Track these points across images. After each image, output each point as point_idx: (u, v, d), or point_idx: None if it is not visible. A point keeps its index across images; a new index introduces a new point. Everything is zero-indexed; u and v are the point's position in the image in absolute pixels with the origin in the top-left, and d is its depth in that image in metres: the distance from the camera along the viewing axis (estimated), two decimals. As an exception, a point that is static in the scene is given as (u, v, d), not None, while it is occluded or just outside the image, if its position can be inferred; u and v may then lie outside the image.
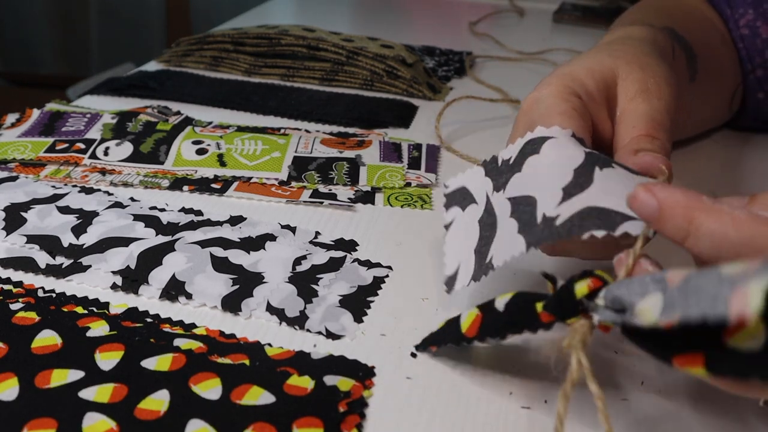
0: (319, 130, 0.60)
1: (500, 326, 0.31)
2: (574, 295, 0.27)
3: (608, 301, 0.27)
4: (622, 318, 0.26)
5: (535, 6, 1.16)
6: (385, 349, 0.34)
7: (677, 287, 0.24)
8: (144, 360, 0.32)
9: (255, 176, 0.50)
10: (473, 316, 0.32)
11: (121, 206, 0.45)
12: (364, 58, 0.71)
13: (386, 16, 1.09)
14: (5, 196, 0.45)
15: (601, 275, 0.28)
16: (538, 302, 0.29)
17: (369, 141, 0.57)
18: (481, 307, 0.32)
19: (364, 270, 0.40)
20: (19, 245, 0.40)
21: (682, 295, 0.23)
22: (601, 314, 0.27)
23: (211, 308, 0.36)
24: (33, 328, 0.33)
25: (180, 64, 0.76)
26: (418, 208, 0.48)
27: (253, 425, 0.28)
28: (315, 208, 0.47)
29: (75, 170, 0.50)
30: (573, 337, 0.27)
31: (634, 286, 0.26)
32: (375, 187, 0.50)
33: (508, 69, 0.83)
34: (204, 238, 0.42)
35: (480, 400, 0.31)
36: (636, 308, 0.25)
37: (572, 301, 0.28)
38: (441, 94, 0.72)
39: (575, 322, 0.28)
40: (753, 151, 0.62)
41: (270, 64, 0.74)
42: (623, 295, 0.26)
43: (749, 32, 0.60)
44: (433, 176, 0.52)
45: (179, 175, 0.50)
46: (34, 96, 0.65)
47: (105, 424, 0.28)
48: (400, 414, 0.30)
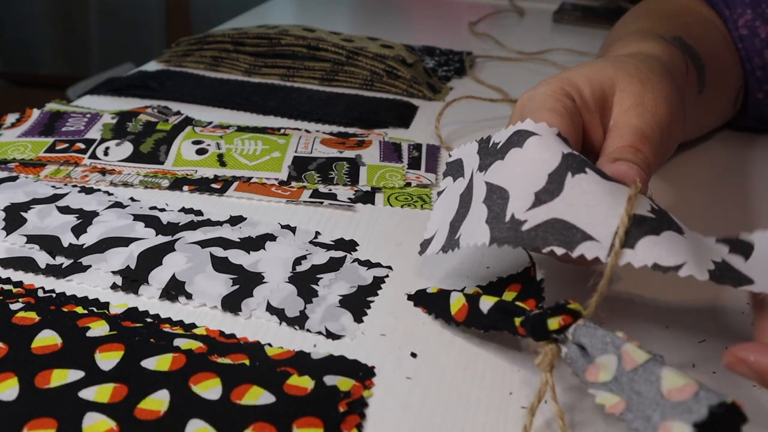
0: (319, 130, 0.60)
1: (483, 324, 0.34)
2: (546, 326, 0.30)
3: (575, 341, 0.29)
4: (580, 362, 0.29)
5: (535, 6, 1.16)
6: (385, 349, 0.34)
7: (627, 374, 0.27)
8: (144, 360, 0.32)
9: (255, 176, 0.50)
10: (460, 303, 0.35)
11: (121, 206, 0.45)
12: (364, 58, 0.71)
13: (386, 16, 1.09)
14: (5, 196, 0.45)
15: (574, 309, 0.30)
16: (516, 317, 0.31)
17: (369, 141, 0.57)
18: (467, 299, 0.35)
19: (364, 270, 0.40)
20: (19, 245, 0.40)
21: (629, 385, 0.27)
22: (568, 347, 0.29)
23: (211, 308, 0.36)
24: (33, 328, 0.33)
25: (180, 64, 0.76)
26: (418, 208, 0.48)
27: (253, 425, 0.28)
28: (315, 208, 0.47)
29: (75, 170, 0.50)
30: (543, 360, 0.30)
31: (595, 341, 0.28)
32: (375, 187, 0.50)
33: (508, 69, 0.83)
34: (204, 238, 0.42)
35: (480, 400, 0.31)
36: (596, 360, 0.28)
37: (544, 330, 0.30)
38: (441, 94, 0.72)
39: (545, 345, 0.30)
40: (753, 152, 0.62)
41: (270, 64, 0.74)
42: (586, 344, 0.29)
43: (748, 32, 0.60)
44: (433, 176, 0.52)
45: (179, 175, 0.50)
46: (34, 96, 0.65)
47: (105, 424, 0.28)
48: (400, 414, 0.30)
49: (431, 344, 0.35)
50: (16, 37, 2.11)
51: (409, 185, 0.51)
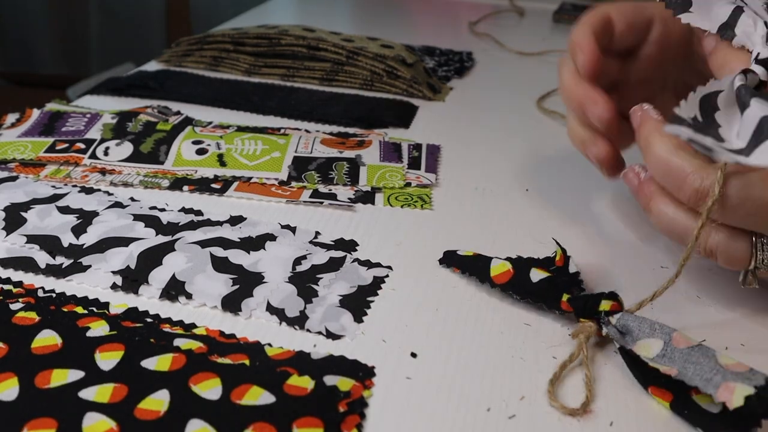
0: (319, 130, 0.60)
1: (525, 291, 0.37)
2: (597, 306, 0.35)
3: (618, 324, 0.34)
4: (623, 340, 0.33)
5: (535, 6, 1.16)
6: (385, 349, 0.34)
7: (680, 350, 0.31)
8: (144, 360, 0.32)
9: (255, 176, 0.50)
10: (505, 267, 0.38)
11: (121, 206, 0.45)
12: (364, 58, 0.71)
13: (386, 16, 1.09)
14: (5, 196, 0.45)
15: (621, 302, 0.35)
16: (565, 293, 0.36)
17: (369, 141, 0.57)
18: (513, 264, 0.38)
19: (364, 270, 0.40)
20: (19, 245, 0.40)
21: (682, 358, 0.31)
22: (608, 329, 0.34)
23: (211, 308, 0.36)
24: (33, 328, 0.33)
25: (180, 64, 0.76)
26: (418, 208, 0.48)
27: (253, 425, 0.28)
28: (315, 208, 0.47)
29: (75, 170, 0.50)
30: (582, 330, 0.35)
31: (644, 326, 0.33)
32: (375, 187, 0.50)
33: (508, 69, 0.83)
34: (204, 238, 0.42)
35: (480, 400, 0.31)
36: (638, 341, 0.33)
37: (593, 309, 0.35)
38: (441, 94, 0.72)
39: (585, 322, 0.35)
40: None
41: (270, 64, 0.74)
42: (633, 327, 0.33)
43: None
44: (433, 176, 0.52)
45: (179, 176, 0.50)
46: (34, 96, 0.65)
47: (105, 424, 0.28)
48: (400, 414, 0.30)
49: (431, 344, 0.35)
50: (16, 37, 2.11)
51: (409, 185, 0.51)
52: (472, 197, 0.50)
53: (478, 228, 0.46)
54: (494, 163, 0.56)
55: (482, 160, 0.56)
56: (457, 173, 0.54)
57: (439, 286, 0.39)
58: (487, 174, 0.54)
